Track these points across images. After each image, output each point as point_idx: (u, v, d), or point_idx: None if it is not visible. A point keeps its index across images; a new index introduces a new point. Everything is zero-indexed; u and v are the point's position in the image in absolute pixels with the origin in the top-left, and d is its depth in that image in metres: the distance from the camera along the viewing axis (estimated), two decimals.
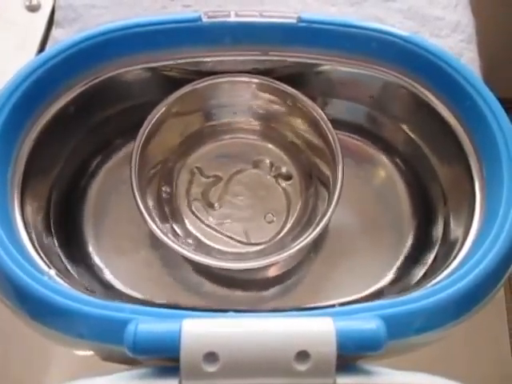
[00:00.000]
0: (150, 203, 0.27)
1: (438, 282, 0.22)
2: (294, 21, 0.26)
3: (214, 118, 0.29)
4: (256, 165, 0.29)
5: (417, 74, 0.26)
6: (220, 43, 0.26)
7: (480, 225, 0.23)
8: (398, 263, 0.27)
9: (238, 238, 0.28)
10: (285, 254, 0.24)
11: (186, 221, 0.28)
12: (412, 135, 0.28)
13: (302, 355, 0.18)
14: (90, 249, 0.27)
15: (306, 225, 0.26)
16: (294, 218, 0.28)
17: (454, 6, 0.38)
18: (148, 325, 0.19)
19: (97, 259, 0.27)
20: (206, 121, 0.29)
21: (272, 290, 0.27)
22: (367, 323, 0.19)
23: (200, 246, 0.27)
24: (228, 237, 0.28)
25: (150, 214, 0.25)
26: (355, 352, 0.19)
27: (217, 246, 0.27)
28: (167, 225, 0.27)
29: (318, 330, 0.18)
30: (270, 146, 0.29)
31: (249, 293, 0.27)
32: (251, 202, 0.29)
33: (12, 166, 0.23)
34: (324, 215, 0.25)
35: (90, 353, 0.22)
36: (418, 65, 0.25)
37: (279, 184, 0.29)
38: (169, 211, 0.28)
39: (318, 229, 0.24)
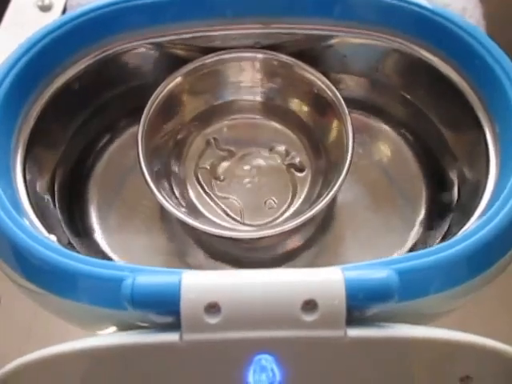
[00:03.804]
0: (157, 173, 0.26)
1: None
2: None
3: (225, 96, 0.29)
4: (272, 149, 0.29)
5: (423, 37, 0.25)
6: (223, 15, 0.26)
7: (495, 184, 0.22)
8: (413, 233, 0.26)
9: (233, 215, 0.27)
10: (301, 219, 0.23)
11: (188, 185, 0.27)
12: (417, 103, 0.27)
13: (310, 305, 0.17)
14: (94, 224, 0.26)
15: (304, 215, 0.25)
16: (294, 209, 0.27)
17: None
18: (146, 277, 0.18)
19: (100, 235, 0.26)
20: (217, 99, 0.29)
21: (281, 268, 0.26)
22: (378, 272, 0.18)
23: (192, 213, 0.26)
24: (223, 211, 0.27)
25: (158, 189, 0.25)
26: (366, 302, 0.17)
27: (209, 216, 0.27)
28: (165, 183, 0.26)
29: (325, 278, 0.17)
30: (288, 131, 0.29)
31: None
32: (256, 185, 0.28)
33: (15, 135, 0.23)
34: (334, 185, 0.24)
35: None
36: (423, 28, 0.25)
37: (290, 173, 0.28)
38: (173, 173, 0.27)
39: (330, 195, 0.24)
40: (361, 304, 0.17)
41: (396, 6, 0.25)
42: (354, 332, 0.17)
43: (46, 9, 0.37)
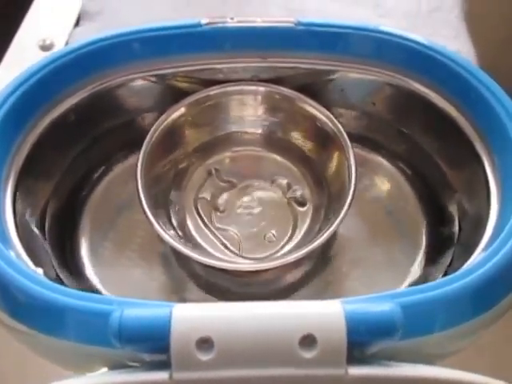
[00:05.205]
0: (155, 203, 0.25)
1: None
2: (292, 24, 0.26)
3: (228, 128, 0.29)
4: (273, 182, 0.28)
5: (419, 72, 0.25)
6: (220, 49, 0.26)
7: (497, 217, 0.21)
8: (414, 267, 0.25)
9: (232, 248, 0.26)
10: (299, 254, 0.23)
11: (187, 215, 0.27)
12: (414, 137, 0.27)
13: (308, 340, 0.16)
14: (85, 257, 0.25)
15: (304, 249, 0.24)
16: (294, 243, 0.26)
17: (454, 36, 0.39)
18: (135, 310, 0.17)
19: (91, 269, 0.25)
20: (220, 130, 0.29)
21: None
22: (380, 305, 0.17)
23: (189, 244, 0.25)
24: (222, 243, 0.26)
25: (155, 218, 0.24)
26: (368, 337, 0.16)
27: (207, 248, 0.26)
28: (163, 213, 0.26)
29: (324, 311, 0.16)
30: (290, 164, 0.28)
31: None
32: (257, 217, 0.27)
33: (7, 165, 0.23)
34: (335, 219, 0.23)
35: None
36: (420, 63, 0.25)
37: (291, 207, 0.27)
38: (172, 203, 0.27)
39: (331, 230, 0.23)
40: (362, 339, 0.16)
41: (393, 42, 0.25)
42: (356, 370, 0.16)
43: (47, 48, 0.37)
